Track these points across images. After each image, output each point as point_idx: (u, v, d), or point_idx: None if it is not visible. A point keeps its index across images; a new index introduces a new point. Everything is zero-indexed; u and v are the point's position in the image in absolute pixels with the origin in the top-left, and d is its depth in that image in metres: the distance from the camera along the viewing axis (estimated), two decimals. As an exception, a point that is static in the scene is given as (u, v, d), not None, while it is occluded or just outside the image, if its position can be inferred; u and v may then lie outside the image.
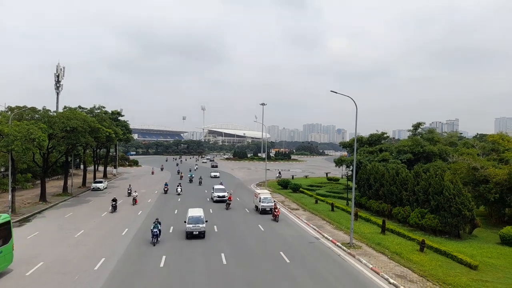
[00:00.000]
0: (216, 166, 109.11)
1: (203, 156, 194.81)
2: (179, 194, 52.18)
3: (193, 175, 73.54)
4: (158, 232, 26.91)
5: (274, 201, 40.13)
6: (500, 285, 19.87)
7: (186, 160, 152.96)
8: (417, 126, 61.55)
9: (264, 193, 41.85)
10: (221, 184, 55.39)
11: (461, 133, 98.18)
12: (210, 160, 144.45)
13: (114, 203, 39.37)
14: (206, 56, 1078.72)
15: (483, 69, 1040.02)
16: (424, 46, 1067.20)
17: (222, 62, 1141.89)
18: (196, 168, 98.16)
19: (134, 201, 44.51)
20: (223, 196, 46.21)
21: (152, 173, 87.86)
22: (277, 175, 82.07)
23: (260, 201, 39.74)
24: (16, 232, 30.21)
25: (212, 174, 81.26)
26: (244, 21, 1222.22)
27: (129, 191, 50.81)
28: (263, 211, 39.24)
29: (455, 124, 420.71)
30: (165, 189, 54.33)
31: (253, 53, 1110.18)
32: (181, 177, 75.65)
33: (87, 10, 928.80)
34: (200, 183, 66.60)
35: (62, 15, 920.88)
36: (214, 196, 47.13)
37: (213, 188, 49.22)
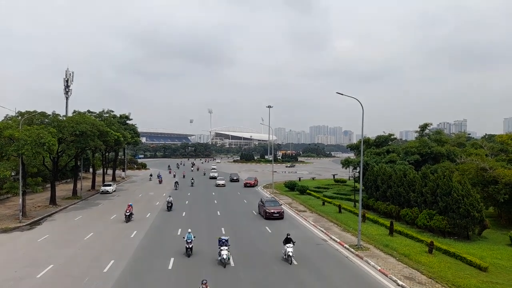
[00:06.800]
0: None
1: (198, 160, 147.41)
2: None
3: None
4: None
5: None
6: (510, 287, 19.66)
7: (182, 165, 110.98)
8: (424, 127, 61.18)
9: None
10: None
11: (469, 134, 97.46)
12: (233, 180, 73.95)
13: None
14: (212, 59, 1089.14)
15: (491, 69, 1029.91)
16: (431, 46, 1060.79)
17: (228, 65, 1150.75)
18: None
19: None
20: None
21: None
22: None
23: None
24: (26, 235, 30.82)
25: None
26: (250, 23, 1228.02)
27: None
28: None
29: (463, 124, 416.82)
30: None
31: (259, 55, 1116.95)
32: None
33: (92, 13, 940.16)
34: None
35: (66, 18, 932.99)
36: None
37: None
